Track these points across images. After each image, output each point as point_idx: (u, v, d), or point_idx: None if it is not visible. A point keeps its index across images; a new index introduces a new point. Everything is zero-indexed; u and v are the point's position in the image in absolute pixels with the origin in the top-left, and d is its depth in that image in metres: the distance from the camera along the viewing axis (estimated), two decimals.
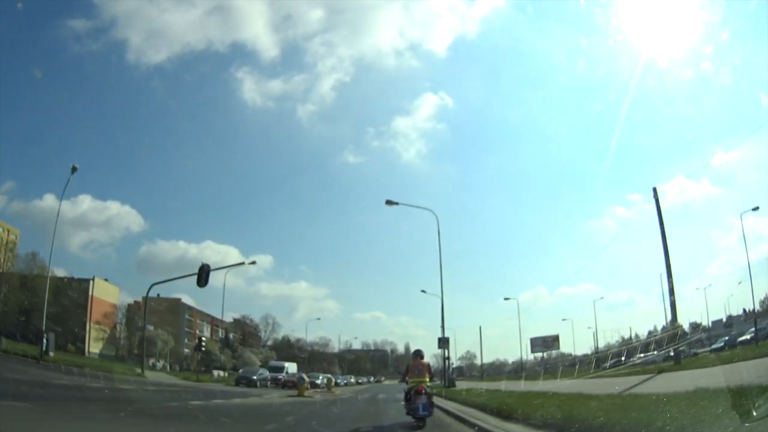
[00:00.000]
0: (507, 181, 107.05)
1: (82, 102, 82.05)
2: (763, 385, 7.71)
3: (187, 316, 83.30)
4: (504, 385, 25.35)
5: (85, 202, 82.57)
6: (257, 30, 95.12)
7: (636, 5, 31.47)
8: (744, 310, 55.09)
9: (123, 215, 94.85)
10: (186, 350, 72.57)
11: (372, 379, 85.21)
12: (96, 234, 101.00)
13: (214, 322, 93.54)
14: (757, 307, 46.34)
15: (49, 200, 66.08)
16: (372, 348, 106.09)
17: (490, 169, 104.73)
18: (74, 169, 31.89)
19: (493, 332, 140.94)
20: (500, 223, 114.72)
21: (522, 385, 24.38)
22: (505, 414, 11.40)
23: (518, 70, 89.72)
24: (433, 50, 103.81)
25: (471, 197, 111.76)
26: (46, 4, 75.31)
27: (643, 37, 32.38)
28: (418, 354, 13.46)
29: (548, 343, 72.40)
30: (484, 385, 29.92)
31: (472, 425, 11.39)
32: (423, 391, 11.76)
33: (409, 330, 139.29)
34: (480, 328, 65.29)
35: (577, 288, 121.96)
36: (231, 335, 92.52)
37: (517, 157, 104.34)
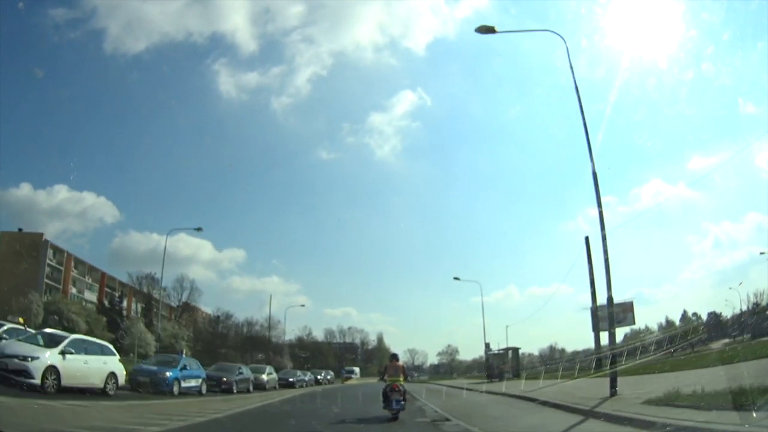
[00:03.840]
0: (482, 179, 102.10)
1: (59, 92, 72.00)
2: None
3: (54, 263, 53.27)
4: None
5: (61, 192, 77.16)
6: (236, 22, 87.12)
7: (619, 6, 27.31)
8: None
9: (98, 206, 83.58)
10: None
11: (324, 375, 50.07)
12: (70, 224, 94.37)
13: (106, 282, 63.84)
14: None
15: (25, 189, 69.15)
16: (337, 338, 79.87)
17: (466, 168, 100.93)
18: None
19: (463, 331, 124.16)
20: (474, 222, 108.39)
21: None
22: None
23: (498, 70, 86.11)
24: (412, 48, 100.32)
25: (445, 195, 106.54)
26: None
27: (626, 38, 29.25)
28: (395, 357, 15.58)
29: (619, 315, 46.52)
30: None
31: None
32: (398, 389, 13.35)
33: (379, 327, 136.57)
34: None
35: (548, 288, 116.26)
36: (133, 302, 64.01)
37: (494, 156, 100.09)
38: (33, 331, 15.84)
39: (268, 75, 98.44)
